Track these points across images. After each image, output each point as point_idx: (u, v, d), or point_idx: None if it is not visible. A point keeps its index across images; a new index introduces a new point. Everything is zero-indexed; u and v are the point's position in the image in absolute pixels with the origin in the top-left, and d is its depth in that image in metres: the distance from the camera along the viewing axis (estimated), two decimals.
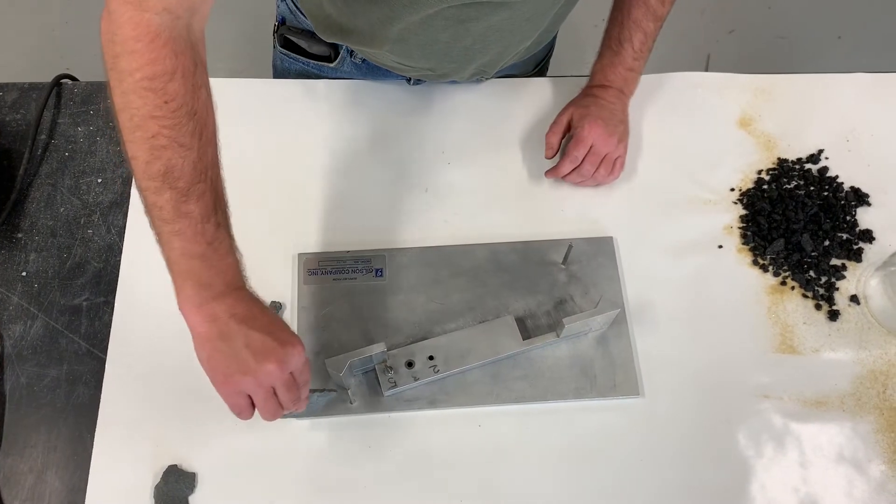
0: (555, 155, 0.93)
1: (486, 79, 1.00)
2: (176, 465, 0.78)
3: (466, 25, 0.79)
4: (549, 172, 0.93)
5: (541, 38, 0.91)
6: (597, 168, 0.91)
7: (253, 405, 0.68)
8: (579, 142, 0.90)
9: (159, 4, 0.59)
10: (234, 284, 0.66)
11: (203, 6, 0.63)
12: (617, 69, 0.93)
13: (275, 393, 0.67)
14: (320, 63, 1.01)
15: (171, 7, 0.60)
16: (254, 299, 0.67)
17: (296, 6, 0.95)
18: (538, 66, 1.10)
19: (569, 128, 0.93)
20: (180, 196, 0.62)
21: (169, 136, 0.60)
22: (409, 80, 0.99)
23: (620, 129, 0.92)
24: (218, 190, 0.65)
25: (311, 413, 0.78)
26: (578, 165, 0.91)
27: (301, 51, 1.01)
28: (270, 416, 0.68)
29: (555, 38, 1.05)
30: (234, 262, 0.66)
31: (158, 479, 0.77)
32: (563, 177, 0.93)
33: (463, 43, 0.83)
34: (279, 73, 1.07)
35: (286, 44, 1.02)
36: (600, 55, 0.95)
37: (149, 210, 0.64)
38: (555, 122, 0.93)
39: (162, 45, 0.59)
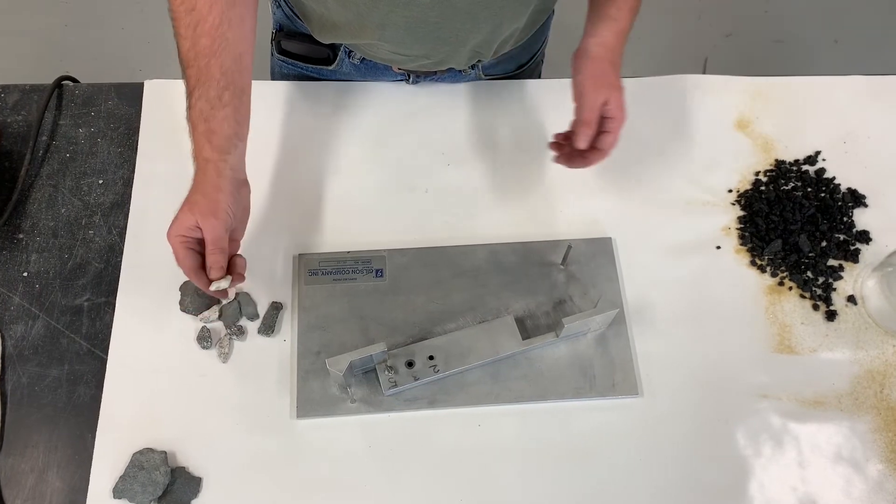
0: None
1: (485, 62, 0.97)
2: (184, 468, 0.78)
3: (452, 1, 0.79)
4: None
5: (533, 17, 0.90)
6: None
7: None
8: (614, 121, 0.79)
9: None
10: (201, 155, 0.75)
11: None
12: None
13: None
14: (319, 66, 1.01)
15: None
16: (205, 175, 0.74)
17: (293, 11, 0.96)
18: (533, 57, 1.08)
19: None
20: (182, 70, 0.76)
21: (174, 26, 0.75)
22: (407, 78, 0.99)
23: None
24: (206, 74, 0.74)
25: None
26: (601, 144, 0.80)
27: (299, 56, 1.01)
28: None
29: (549, 23, 1.04)
30: (197, 138, 0.75)
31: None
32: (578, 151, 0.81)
33: (452, 23, 0.83)
34: (277, 79, 1.07)
35: (284, 49, 1.02)
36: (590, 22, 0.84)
37: None
38: (583, 120, 0.79)
39: None
